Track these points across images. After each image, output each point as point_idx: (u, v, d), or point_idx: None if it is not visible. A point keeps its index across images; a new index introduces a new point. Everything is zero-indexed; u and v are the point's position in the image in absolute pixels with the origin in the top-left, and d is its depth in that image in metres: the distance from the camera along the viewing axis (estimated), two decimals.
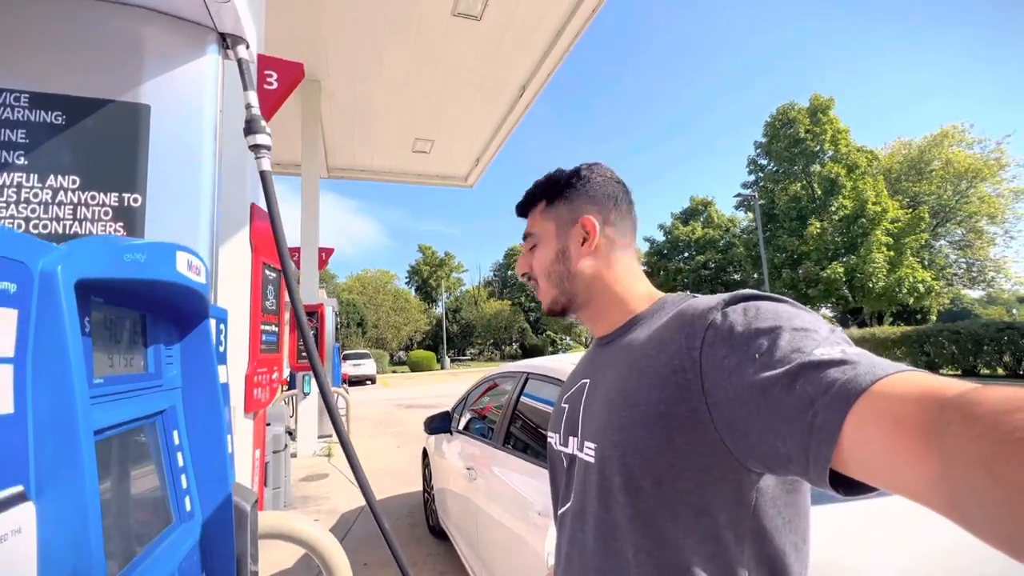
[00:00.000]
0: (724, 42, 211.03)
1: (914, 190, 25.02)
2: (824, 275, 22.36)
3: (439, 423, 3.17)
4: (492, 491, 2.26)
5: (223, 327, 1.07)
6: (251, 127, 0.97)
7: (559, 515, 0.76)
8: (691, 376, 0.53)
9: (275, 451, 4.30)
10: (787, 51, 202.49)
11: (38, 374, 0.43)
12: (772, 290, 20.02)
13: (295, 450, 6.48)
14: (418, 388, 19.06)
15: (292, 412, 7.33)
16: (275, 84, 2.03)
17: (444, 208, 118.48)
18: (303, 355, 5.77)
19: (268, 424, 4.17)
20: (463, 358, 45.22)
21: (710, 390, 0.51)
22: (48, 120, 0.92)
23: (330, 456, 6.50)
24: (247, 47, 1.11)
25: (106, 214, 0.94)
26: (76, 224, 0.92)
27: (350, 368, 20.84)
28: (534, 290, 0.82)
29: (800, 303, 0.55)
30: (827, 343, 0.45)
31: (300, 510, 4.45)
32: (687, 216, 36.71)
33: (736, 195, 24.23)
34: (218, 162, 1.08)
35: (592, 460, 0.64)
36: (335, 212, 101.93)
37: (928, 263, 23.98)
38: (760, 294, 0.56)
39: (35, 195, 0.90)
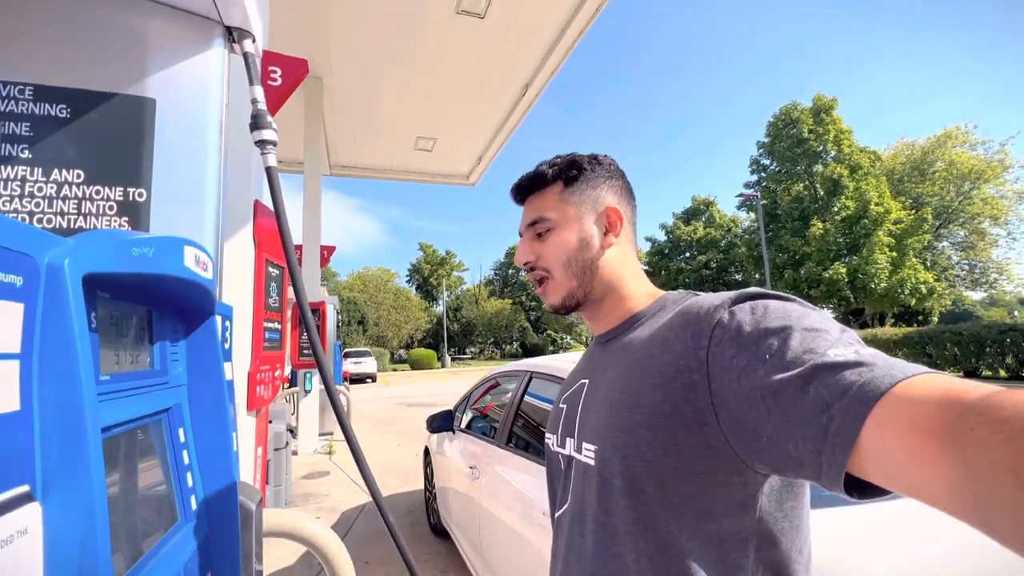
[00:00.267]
0: (727, 41, 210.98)
1: (917, 191, 24.95)
2: (826, 276, 22.32)
3: (441, 422, 3.16)
4: (495, 490, 2.25)
5: (228, 324, 1.06)
6: (257, 122, 0.96)
7: (556, 517, 0.74)
8: (697, 376, 0.52)
9: (276, 449, 4.30)
10: (789, 51, 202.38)
11: (45, 371, 0.41)
12: (774, 290, 19.92)
13: (296, 448, 6.48)
14: (419, 386, 19.04)
15: (293, 410, 7.34)
16: (279, 80, 2.01)
17: (445, 207, 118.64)
18: (304, 352, 5.78)
19: (270, 422, 4.17)
20: (464, 357, 45.25)
21: (717, 391, 0.50)
22: (52, 113, 0.90)
23: (331, 454, 6.50)
24: (253, 41, 1.10)
25: (111, 209, 0.93)
26: (80, 219, 0.91)
27: (351, 366, 20.82)
28: (535, 284, 0.73)
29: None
30: (840, 344, 0.44)
31: (301, 508, 4.45)
32: (689, 216, 36.67)
33: (738, 195, 24.20)
34: (224, 157, 1.07)
35: (592, 462, 0.62)
36: (336, 210, 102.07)
37: (930, 264, 23.93)
38: (767, 292, 0.55)
39: (39, 189, 0.89)
